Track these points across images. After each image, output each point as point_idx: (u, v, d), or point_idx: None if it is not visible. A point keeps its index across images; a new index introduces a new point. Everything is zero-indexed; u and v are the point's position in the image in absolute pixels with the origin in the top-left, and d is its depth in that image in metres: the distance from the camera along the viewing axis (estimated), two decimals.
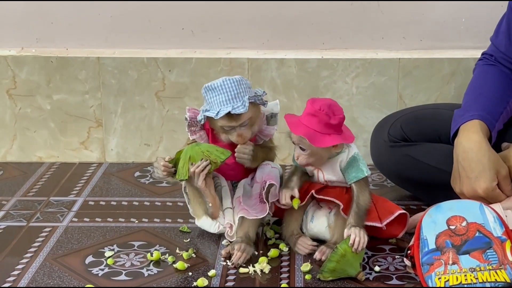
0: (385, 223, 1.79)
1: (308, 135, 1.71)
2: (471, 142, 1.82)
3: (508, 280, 1.56)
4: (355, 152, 1.78)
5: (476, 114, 1.88)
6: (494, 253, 1.59)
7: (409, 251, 1.66)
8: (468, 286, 1.56)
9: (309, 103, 1.74)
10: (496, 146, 1.89)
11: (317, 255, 1.78)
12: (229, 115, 1.76)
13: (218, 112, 1.75)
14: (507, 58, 1.99)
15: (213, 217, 1.83)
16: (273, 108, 1.88)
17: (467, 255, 1.59)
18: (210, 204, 1.81)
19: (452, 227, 1.63)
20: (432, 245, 1.62)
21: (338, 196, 1.79)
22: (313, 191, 1.81)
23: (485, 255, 1.59)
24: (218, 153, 1.78)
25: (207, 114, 1.77)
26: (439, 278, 1.58)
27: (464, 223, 1.63)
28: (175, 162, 1.82)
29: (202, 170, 1.77)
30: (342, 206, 1.77)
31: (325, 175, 1.81)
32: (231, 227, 1.82)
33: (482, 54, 2.07)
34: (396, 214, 1.81)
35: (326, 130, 1.72)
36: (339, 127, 1.74)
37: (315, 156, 1.76)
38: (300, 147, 1.76)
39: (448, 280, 1.57)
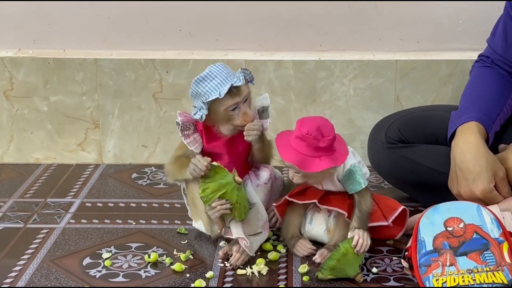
0: (390, 220, 1.79)
1: (297, 161, 1.69)
2: (468, 143, 1.82)
3: (506, 282, 1.56)
4: (351, 164, 1.76)
5: (473, 115, 1.88)
6: (491, 254, 1.59)
7: (406, 253, 1.66)
8: (466, 287, 1.56)
9: (298, 125, 1.72)
10: (493, 147, 1.90)
11: (317, 258, 1.78)
12: (231, 92, 1.74)
13: (220, 92, 1.74)
14: (503, 59, 1.99)
15: (216, 236, 1.83)
16: (264, 102, 1.87)
17: (465, 256, 1.59)
18: (216, 226, 1.80)
19: (450, 229, 1.63)
20: (429, 247, 1.62)
21: (340, 204, 1.78)
22: (316, 201, 1.80)
23: (482, 256, 1.59)
24: (245, 210, 1.77)
25: (210, 98, 1.74)
26: (437, 280, 1.58)
27: (461, 225, 1.63)
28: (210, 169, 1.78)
29: (220, 210, 1.75)
30: (346, 215, 1.76)
31: (323, 185, 1.81)
32: (243, 239, 1.77)
33: (479, 56, 2.07)
34: (400, 209, 1.81)
35: (315, 153, 1.69)
36: (329, 147, 1.70)
37: (309, 176, 1.75)
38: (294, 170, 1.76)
39: (445, 282, 1.57)
